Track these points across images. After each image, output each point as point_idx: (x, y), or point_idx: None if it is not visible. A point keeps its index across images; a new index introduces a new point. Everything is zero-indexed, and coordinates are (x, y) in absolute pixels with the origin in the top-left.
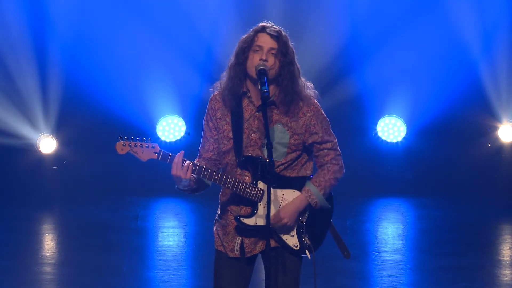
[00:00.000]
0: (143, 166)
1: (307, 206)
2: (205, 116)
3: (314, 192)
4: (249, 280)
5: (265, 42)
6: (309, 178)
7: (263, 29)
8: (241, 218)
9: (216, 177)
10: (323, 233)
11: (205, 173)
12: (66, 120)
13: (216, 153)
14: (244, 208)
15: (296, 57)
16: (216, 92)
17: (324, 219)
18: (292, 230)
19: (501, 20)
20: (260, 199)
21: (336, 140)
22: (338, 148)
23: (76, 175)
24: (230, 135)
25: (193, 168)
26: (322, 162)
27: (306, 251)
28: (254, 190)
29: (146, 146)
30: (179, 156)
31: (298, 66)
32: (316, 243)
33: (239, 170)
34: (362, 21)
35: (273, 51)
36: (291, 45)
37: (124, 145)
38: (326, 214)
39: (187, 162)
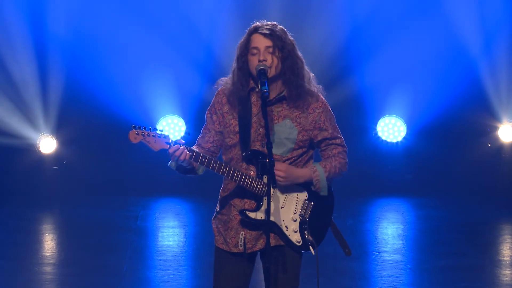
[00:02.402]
0: (143, 166)
1: (307, 182)
2: (209, 108)
3: (319, 170)
4: (249, 279)
5: (260, 42)
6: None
7: (255, 30)
8: (247, 212)
9: (214, 165)
10: (323, 230)
11: (203, 160)
12: (66, 120)
13: (215, 145)
14: (248, 202)
15: (297, 48)
16: (223, 87)
17: (325, 216)
18: (294, 221)
19: (501, 20)
20: (266, 193)
21: (343, 137)
22: (345, 145)
23: (76, 175)
24: (237, 129)
25: (191, 154)
26: (329, 155)
27: (310, 247)
28: (260, 185)
29: (158, 136)
30: (183, 147)
31: (301, 56)
32: (317, 240)
33: (244, 165)
34: (362, 21)
35: (269, 49)
36: (289, 38)
37: (138, 134)
38: (327, 211)
39: (186, 152)
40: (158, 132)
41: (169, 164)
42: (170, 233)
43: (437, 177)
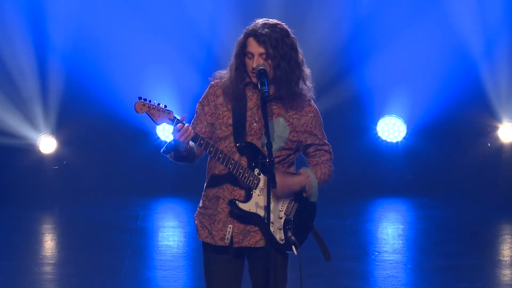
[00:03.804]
0: (143, 166)
1: (300, 189)
2: (200, 101)
3: (311, 176)
4: (240, 277)
5: (254, 48)
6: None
7: (251, 33)
8: (237, 202)
9: (211, 149)
10: (305, 234)
11: (201, 142)
12: (66, 120)
13: (206, 136)
14: (238, 195)
15: (297, 47)
16: (218, 80)
17: (307, 219)
18: (280, 219)
19: (502, 20)
20: (256, 186)
21: (330, 145)
22: (332, 153)
23: (76, 175)
24: (230, 121)
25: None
26: (318, 161)
27: (293, 247)
28: (252, 176)
29: (163, 111)
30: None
31: (299, 57)
32: (299, 242)
33: (237, 156)
34: (362, 21)
35: (263, 56)
36: (286, 40)
37: (144, 105)
38: (309, 215)
39: (192, 131)
40: (163, 106)
41: (162, 150)
42: (170, 233)
43: (437, 177)
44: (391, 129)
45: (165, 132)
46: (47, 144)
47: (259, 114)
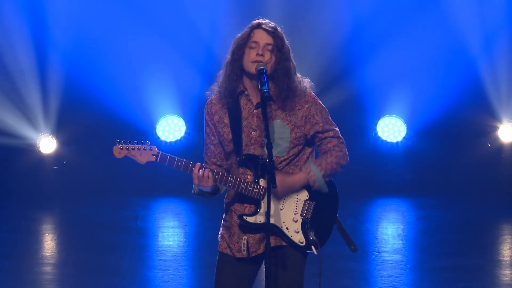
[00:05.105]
0: (143, 166)
1: (305, 185)
2: (205, 121)
3: (313, 170)
4: (252, 281)
5: (261, 37)
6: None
7: (259, 25)
8: (244, 217)
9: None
10: (328, 229)
11: (216, 177)
12: (66, 120)
13: (219, 158)
14: (248, 207)
15: (292, 54)
16: (212, 96)
17: (329, 214)
18: (295, 222)
19: (501, 20)
20: (263, 197)
21: (337, 129)
22: (341, 136)
23: (76, 175)
24: (230, 136)
25: (216, 176)
26: (325, 149)
27: (312, 247)
28: (256, 188)
29: (144, 149)
30: (197, 168)
31: (294, 63)
32: (322, 239)
33: (241, 169)
34: (362, 21)
35: (269, 47)
36: (287, 42)
37: (122, 149)
38: (331, 209)
39: (206, 171)
40: (142, 144)
41: (193, 193)
42: (170, 233)
43: (437, 177)
44: (391, 129)
45: (165, 132)
46: (47, 144)
47: (255, 121)
